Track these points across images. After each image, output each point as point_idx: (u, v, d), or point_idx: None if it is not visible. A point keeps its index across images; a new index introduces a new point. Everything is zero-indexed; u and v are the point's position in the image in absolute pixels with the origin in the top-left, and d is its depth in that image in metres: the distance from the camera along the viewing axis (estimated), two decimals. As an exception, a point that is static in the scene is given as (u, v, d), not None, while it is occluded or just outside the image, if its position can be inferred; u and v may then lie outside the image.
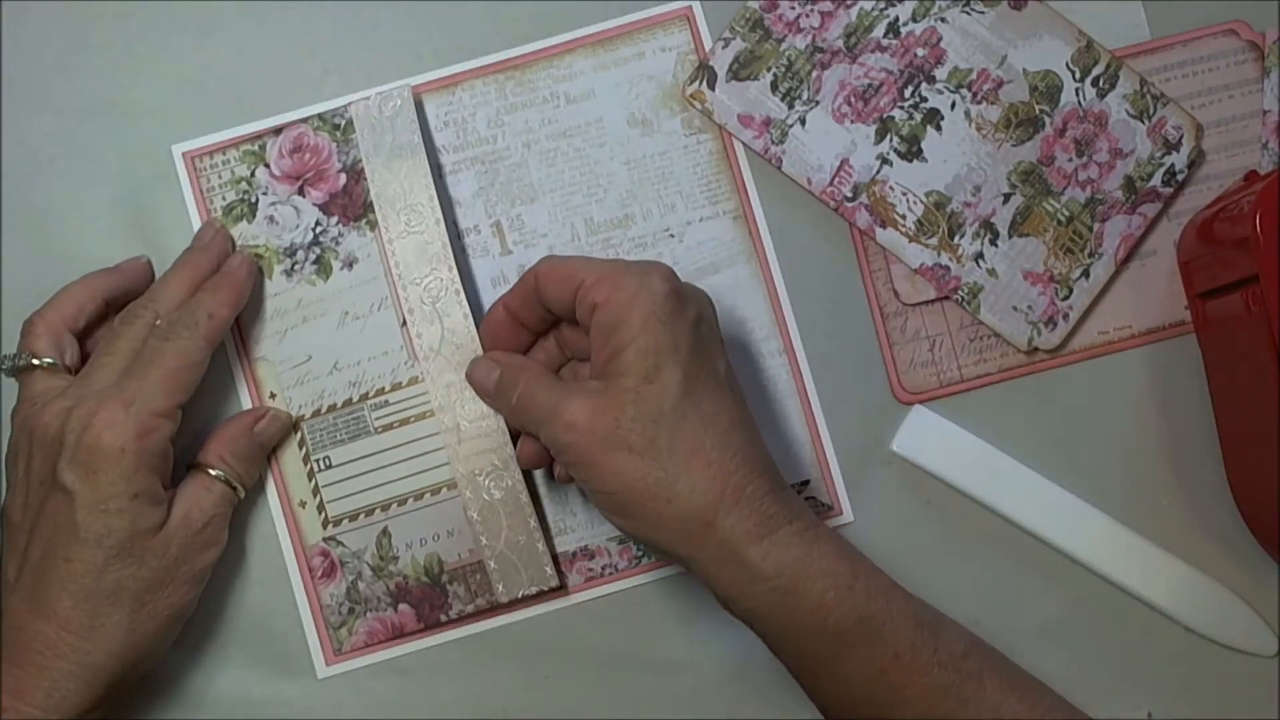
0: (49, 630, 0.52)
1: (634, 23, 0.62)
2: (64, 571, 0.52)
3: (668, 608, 0.60)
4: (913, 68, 0.61)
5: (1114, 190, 0.61)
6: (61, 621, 0.52)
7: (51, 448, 0.53)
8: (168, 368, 0.54)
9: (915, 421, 0.61)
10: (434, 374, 0.58)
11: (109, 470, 0.52)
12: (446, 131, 0.61)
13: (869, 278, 0.62)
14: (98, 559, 0.52)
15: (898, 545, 0.61)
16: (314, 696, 0.60)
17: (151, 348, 0.55)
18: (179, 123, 0.61)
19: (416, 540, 0.60)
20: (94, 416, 0.52)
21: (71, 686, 0.52)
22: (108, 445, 0.52)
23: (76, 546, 0.52)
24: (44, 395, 0.55)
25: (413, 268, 0.59)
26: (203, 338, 0.56)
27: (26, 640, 0.52)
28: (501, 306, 0.57)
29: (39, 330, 0.56)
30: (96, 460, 0.52)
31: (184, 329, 0.55)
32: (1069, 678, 0.60)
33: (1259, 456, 0.57)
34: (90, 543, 0.52)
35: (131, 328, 0.56)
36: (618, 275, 0.52)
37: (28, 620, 0.52)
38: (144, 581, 0.53)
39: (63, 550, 0.52)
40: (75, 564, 0.52)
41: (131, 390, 0.53)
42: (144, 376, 0.54)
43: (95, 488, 0.52)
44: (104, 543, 0.52)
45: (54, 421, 0.53)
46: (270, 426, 0.59)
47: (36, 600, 0.52)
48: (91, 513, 0.52)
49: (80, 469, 0.52)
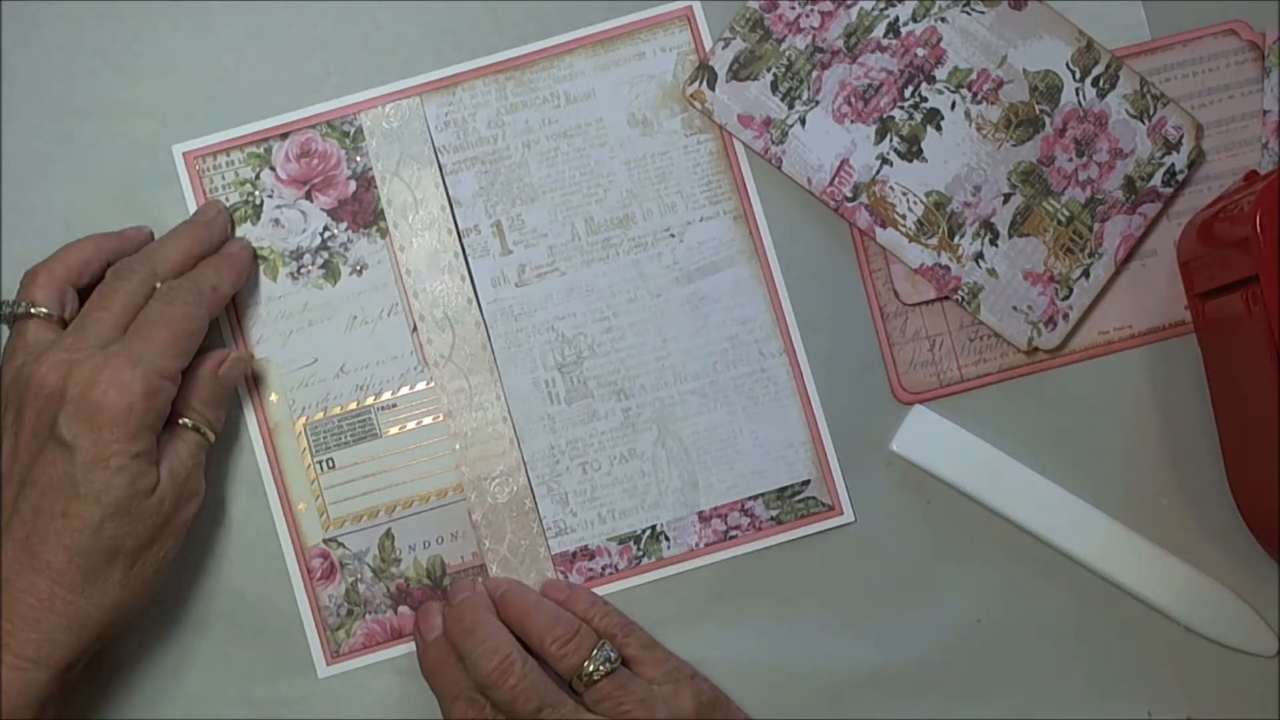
0: (42, 584, 0.52)
1: (634, 23, 0.62)
2: (60, 526, 0.52)
3: (667, 608, 0.60)
4: (913, 68, 0.61)
5: (1114, 190, 0.61)
6: (55, 575, 0.52)
7: (50, 401, 0.52)
8: (174, 331, 0.54)
9: (915, 421, 0.61)
10: (444, 380, 0.59)
11: (114, 428, 0.52)
12: (447, 132, 0.61)
13: (869, 278, 0.62)
14: (95, 516, 0.52)
15: (898, 545, 0.61)
16: (314, 696, 0.60)
17: (155, 310, 0.54)
18: (179, 123, 0.61)
19: (420, 543, 0.60)
20: (100, 373, 0.52)
21: (61, 639, 0.52)
22: (114, 403, 0.52)
23: (75, 502, 0.52)
24: (38, 346, 0.54)
25: (424, 276, 0.60)
26: (205, 308, 0.56)
27: (17, 593, 0.52)
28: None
29: (41, 280, 0.56)
30: (101, 417, 0.52)
31: (189, 295, 0.55)
32: (1069, 678, 0.60)
33: (1259, 456, 0.57)
34: (89, 499, 0.52)
35: (127, 283, 0.55)
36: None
37: (19, 573, 0.52)
38: (138, 539, 0.53)
39: (60, 505, 0.52)
40: (72, 520, 0.52)
41: (138, 350, 0.53)
42: (149, 338, 0.53)
43: (98, 444, 0.52)
44: (102, 500, 0.52)
45: (53, 374, 0.52)
46: (234, 369, 0.58)
47: (29, 553, 0.52)
48: (92, 469, 0.52)
49: (83, 425, 0.51)
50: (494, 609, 0.57)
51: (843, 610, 0.60)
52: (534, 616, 0.56)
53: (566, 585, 0.59)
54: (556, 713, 0.53)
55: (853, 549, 0.61)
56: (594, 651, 0.55)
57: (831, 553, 0.61)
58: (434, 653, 0.56)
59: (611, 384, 0.61)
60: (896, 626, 0.60)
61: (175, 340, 0.54)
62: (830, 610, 0.60)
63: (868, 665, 0.60)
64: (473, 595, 0.57)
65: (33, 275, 0.56)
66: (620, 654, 0.56)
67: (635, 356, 0.61)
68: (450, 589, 0.59)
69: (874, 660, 0.60)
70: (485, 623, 0.56)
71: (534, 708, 0.53)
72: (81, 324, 0.54)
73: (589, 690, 0.55)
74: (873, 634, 0.60)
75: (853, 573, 0.61)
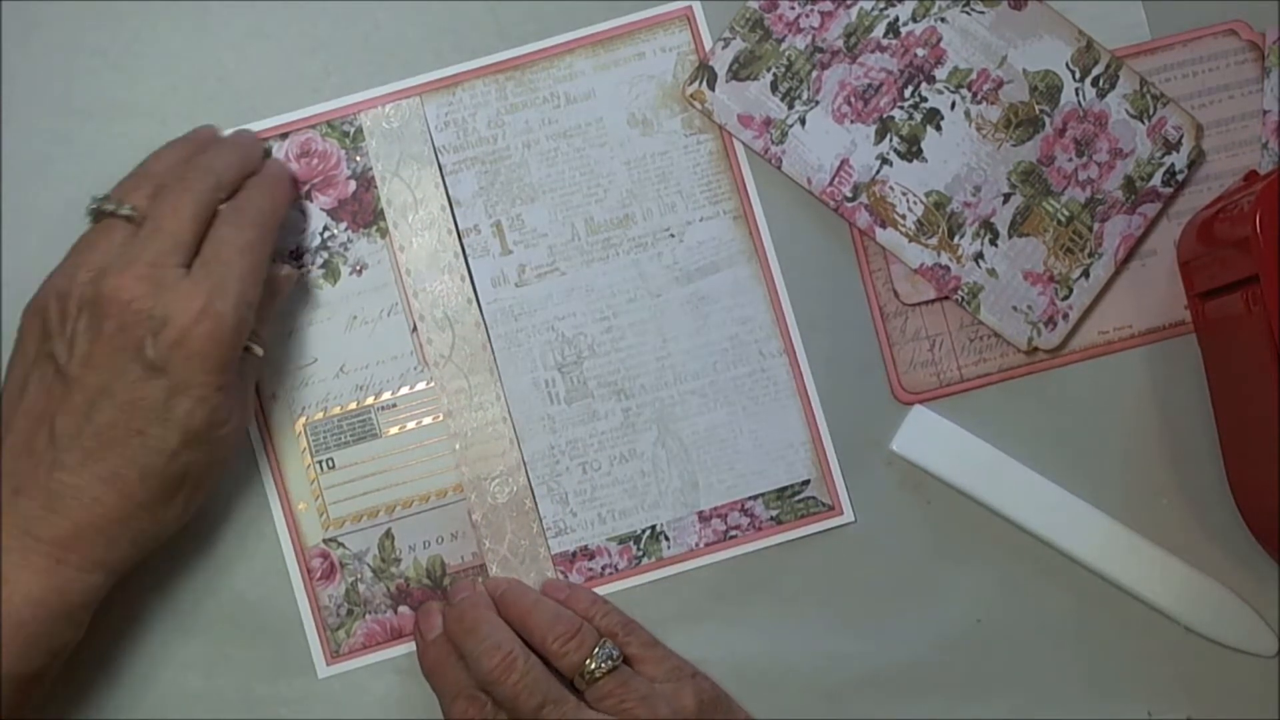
0: (111, 496, 0.52)
1: (634, 23, 0.62)
2: (136, 444, 0.52)
3: (667, 608, 0.60)
4: (913, 68, 0.61)
5: (1114, 190, 0.61)
6: (124, 490, 0.52)
7: (138, 320, 0.52)
8: (253, 260, 0.54)
9: (915, 421, 0.61)
10: (444, 380, 0.59)
11: (205, 359, 0.52)
12: (447, 132, 0.61)
13: (869, 278, 0.62)
14: (173, 442, 0.52)
15: (898, 545, 0.61)
16: (314, 696, 0.60)
17: (232, 235, 0.54)
18: (179, 123, 0.61)
19: (420, 543, 0.60)
20: (193, 301, 0.52)
21: (124, 550, 0.53)
22: (206, 335, 0.52)
23: (155, 425, 0.52)
24: (120, 252, 0.53)
25: (424, 276, 0.60)
26: (273, 232, 0.56)
27: (87, 500, 0.52)
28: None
29: (132, 184, 0.55)
30: (192, 346, 0.52)
31: (258, 219, 0.55)
32: (1069, 678, 0.60)
33: (1259, 456, 0.57)
34: (171, 425, 0.52)
35: (196, 195, 0.54)
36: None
37: (90, 482, 0.52)
38: (207, 466, 0.54)
39: (138, 424, 0.52)
40: (150, 440, 0.52)
41: (226, 280, 0.53)
42: (231, 265, 0.53)
43: (188, 373, 0.52)
44: (184, 427, 0.52)
45: (141, 291, 0.52)
46: (287, 283, 0.59)
47: (100, 464, 0.52)
48: (177, 396, 0.52)
49: (174, 352, 0.52)
50: (494, 608, 0.57)
51: (843, 610, 0.60)
52: (535, 615, 0.56)
53: (567, 585, 0.59)
54: (559, 709, 0.53)
55: (853, 549, 0.61)
56: (596, 649, 0.55)
57: (831, 553, 0.61)
58: (434, 652, 0.56)
59: (611, 384, 0.61)
60: (896, 626, 0.60)
61: (256, 269, 0.54)
62: (830, 610, 0.60)
63: (868, 665, 0.60)
64: (473, 594, 0.57)
65: (135, 180, 0.56)
66: (622, 652, 0.56)
67: (635, 356, 0.61)
68: (450, 589, 0.59)
69: (874, 660, 0.60)
70: (487, 621, 0.56)
71: (536, 704, 0.53)
72: (157, 233, 0.53)
73: (591, 688, 0.55)
74: (873, 634, 0.60)
75: (853, 573, 0.61)
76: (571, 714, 0.53)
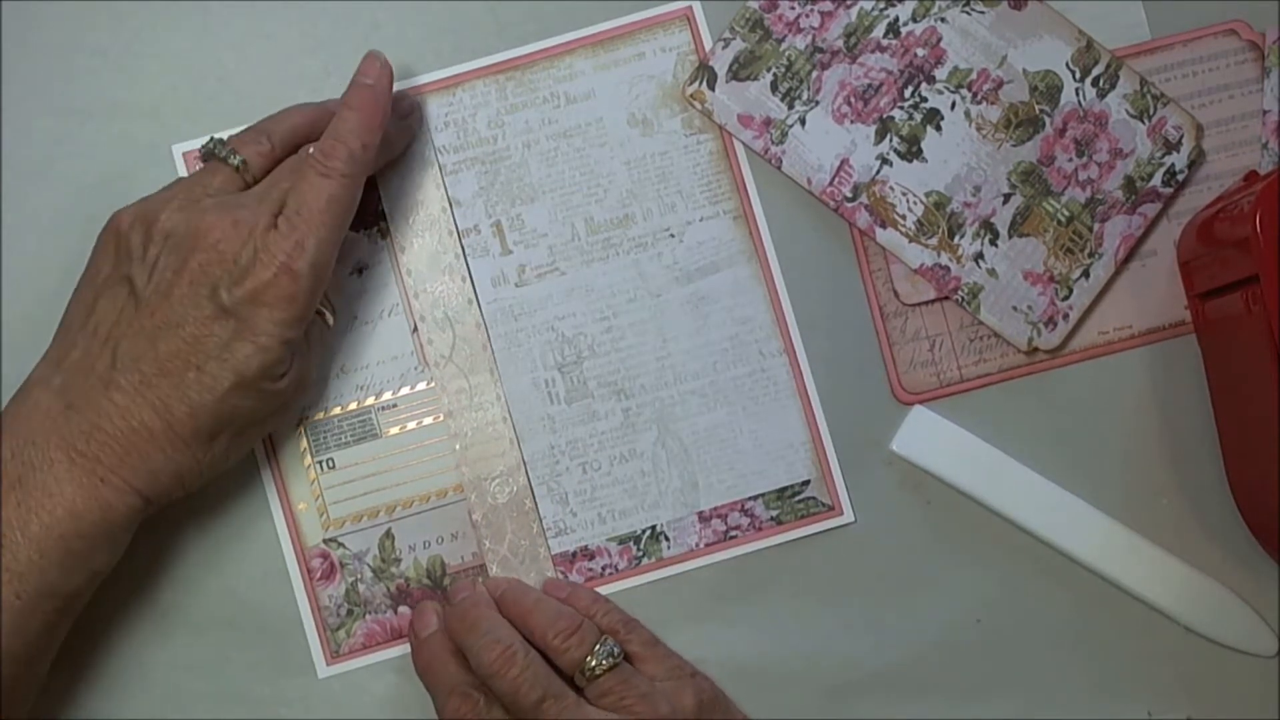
0: (158, 425, 0.53)
1: (634, 23, 0.62)
2: (191, 379, 0.52)
3: (667, 608, 0.60)
4: (913, 68, 0.61)
5: (1114, 190, 0.61)
6: (172, 422, 0.53)
7: (221, 262, 0.53)
8: (338, 213, 0.54)
9: (915, 421, 0.61)
10: (444, 380, 0.59)
11: (277, 310, 0.53)
12: (447, 132, 0.61)
13: (869, 278, 0.62)
14: (225, 383, 0.53)
15: (898, 545, 0.61)
16: (314, 696, 0.60)
17: (318, 185, 0.54)
18: (179, 123, 0.61)
19: (420, 543, 0.60)
20: (276, 255, 0.52)
21: (163, 480, 0.53)
22: (284, 289, 0.52)
23: (213, 362, 0.52)
24: (219, 196, 0.54)
25: (425, 276, 0.60)
26: (362, 174, 0.56)
27: (135, 424, 0.52)
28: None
29: (251, 138, 0.56)
30: (268, 296, 0.52)
31: (345, 165, 0.55)
32: (1069, 678, 0.60)
33: (1259, 456, 0.57)
34: (227, 365, 0.53)
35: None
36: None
37: (140, 406, 0.52)
38: (252, 415, 0.55)
39: (198, 359, 0.52)
40: (204, 377, 0.52)
41: (309, 235, 0.53)
42: (314, 220, 0.53)
43: (256, 320, 0.52)
44: (239, 370, 0.53)
45: (230, 235, 0.53)
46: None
47: (153, 391, 0.52)
48: (239, 338, 0.52)
49: (248, 299, 0.52)
50: (495, 607, 0.57)
51: (843, 610, 0.60)
52: (536, 613, 0.56)
53: (567, 584, 0.59)
54: (559, 705, 0.53)
55: (853, 549, 0.61)
56: (596, 646, 0.55)
57: (831, 553, 0.61)
58: (427, 650, 0.57)
59: (611, 384, 0.61)
60: (896, 626, 0.60)
61: (340, 225, 0.55)
62: (830, 610, 0.60)
63: (868, 665, 0.60)
64: (474, 594, 0.58)
65: (253, 134, 0.56)
66: (622, 650, 0.56)
67: (635, 356, 0.61)
68: (450, 589, 0.59)
69: (874, 660, 0.60)
70: (487, 617, 0.56)
71: (536, 698, 0.53)
72: (264, 200, 0.54)
73: (591, 685, 0.55)
74: (873, 634, 0.60)
75: (853, 573, 0.61)
76: (572, 710, 0.53)
